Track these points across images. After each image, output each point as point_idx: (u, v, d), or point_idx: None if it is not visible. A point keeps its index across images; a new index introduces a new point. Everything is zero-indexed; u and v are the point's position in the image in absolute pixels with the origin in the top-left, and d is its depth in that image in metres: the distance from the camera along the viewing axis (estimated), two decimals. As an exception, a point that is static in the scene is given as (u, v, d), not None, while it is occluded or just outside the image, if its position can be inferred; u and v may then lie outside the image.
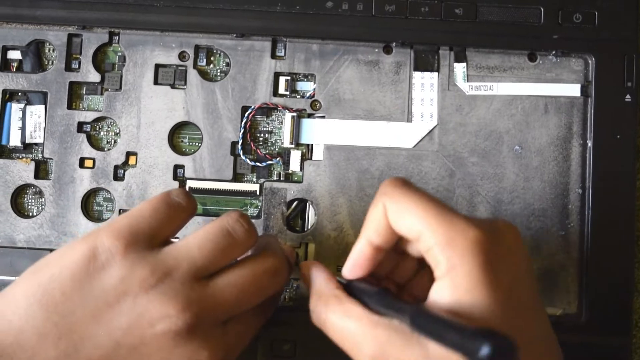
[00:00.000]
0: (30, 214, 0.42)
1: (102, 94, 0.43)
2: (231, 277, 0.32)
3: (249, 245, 0.33)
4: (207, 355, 0.30)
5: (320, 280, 0.33)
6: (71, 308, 0.29)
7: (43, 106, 0.42)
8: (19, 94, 0.43)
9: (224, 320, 0.32)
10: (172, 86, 0.42)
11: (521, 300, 0.29)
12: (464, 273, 0.28)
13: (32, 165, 0.42)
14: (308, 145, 0.42)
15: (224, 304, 0.31)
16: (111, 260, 0.30)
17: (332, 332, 0.31)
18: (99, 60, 0.43)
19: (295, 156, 0.42)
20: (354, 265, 0.32)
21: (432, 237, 0.29)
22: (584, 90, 0.42)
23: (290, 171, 0.42)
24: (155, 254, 0.31)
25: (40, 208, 0.42)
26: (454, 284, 0.28)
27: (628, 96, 0.42)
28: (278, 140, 0.43)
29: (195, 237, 0.32)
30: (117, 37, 0.43)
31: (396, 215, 0.30)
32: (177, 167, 0.42)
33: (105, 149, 0.42)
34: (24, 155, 0.42)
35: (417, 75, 0.42)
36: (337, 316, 0.31)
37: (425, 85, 0.42)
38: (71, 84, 0.42)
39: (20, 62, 0.43)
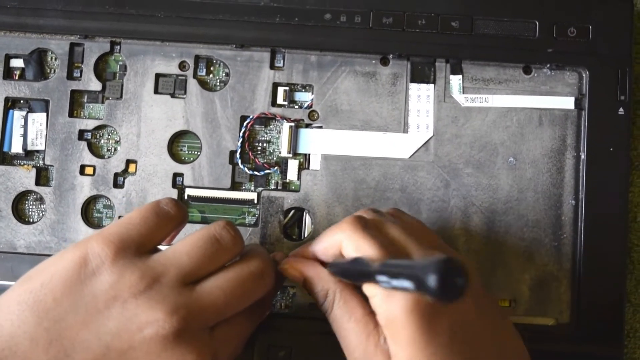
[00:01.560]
0: (31, 220, 0.43)
1: (103, 102, 0.43)
2: (217, 280, 0.32)
3: (235, 252, 0.34)
4: (194, 359, 0.31)
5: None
6: (62, 314, 0.30)
7: (45, 114, 0.43)
8: (21, 101, 0.43)
9: (212, 324, 0.32)
10: (172, 95, 0.43)
11: (467, 344, 0.31)
12: (401, 328, 0.30)
13: (34, 172, 0.43)
14: (305, 154, 0.43)
15: (211, 307, 0.32)
16: (101, 266, 0.31)
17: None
18: (101, 69, 0.44)
19: (293, 165, 0.43)
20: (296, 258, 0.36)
21: (374, 287, 0.31)
22: (578, 103, 0.43)
23: (287, 180, 0.43)
24: (145, 260, 0.32)
25: (41, 214, 0.43)
26: (392, 337, 0.31)
27: (621, 109, 0.42)
28: (276, 150, 0.43)
29: (184, 244, 0.33)
30: (119, 47, 0.43)
31: (349, 253, 0.33)
32: (176, 175, 0.43)
33: (106, 157, 0.43)
34: (25, 162, 0.43)
35: (414, 87, 0.43)
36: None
37: (421, 97, 0.43)
38: (73, 92, 0.43)
39: (22, 70, 0.43)
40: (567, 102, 0.43)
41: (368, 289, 0.32)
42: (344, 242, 0.33)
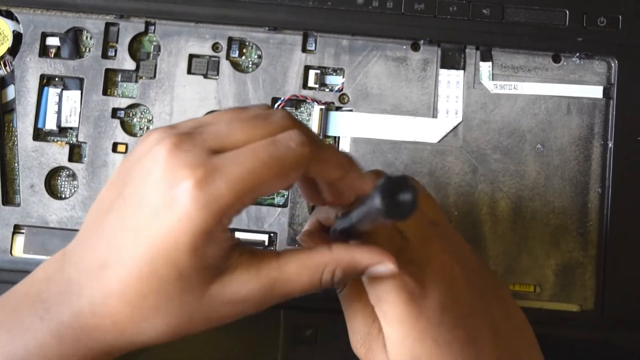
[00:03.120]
0: (63, 196, 0.43)
1: (136, 81, 0.44)
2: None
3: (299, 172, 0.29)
4: (189, 174, 0.26)
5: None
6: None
7: (79, 91, 0.44)
8: (56, 79, 0.44)
9: (214, 147, 0.28)
10: (205, 76, 0.44)
11: (460, 319, 0.31)
12: (390, 308, 0.30)
13: (67, 148, 0.43)
14: (335, 137, 0.43)
15: (214, 132, 0.28)
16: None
17: None
18: (135, 49, 0.44)
19: (322, 148, 0.43)
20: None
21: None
22: (606, 93, 0.43)
23: (316, 162, 0.43)
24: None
25: (73, 190, 0.44)
26: (383, 318, 0.31)
27: (649, 99, 0.43)
28: (306, 132, 0.44)
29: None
30: (153, 27, 0.44)
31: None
32: (207, 154, 0.43)
33: (138, 135, 0.44)
34: (59, 138, 0.44)
35: (444, 73, 0.44)
36: None
37: (451, 83, 0.43)
38: (107, 71, 0.44)
39: (58, 48, 0.44)
40: (596, 91, 0.43)
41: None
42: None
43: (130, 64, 0.44)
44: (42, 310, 0.30)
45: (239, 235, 0.42)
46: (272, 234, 0.43)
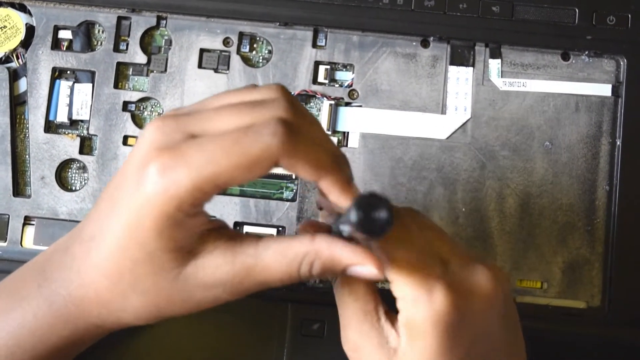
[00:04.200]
0: (74, 188, 0.44)
1: (147, 75, 0.44)
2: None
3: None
4: (157, 156, 0.27)
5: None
6: None
7: (90, 84, 0.44)
8: (68, 72, 0.44)
9: (195, 131, 0.28)
10: (216, 70, 0.44)
11: (483, 357, 0.30)
12: (422, 335, 0.29)
13: (78, 141, 0.44)
14: (344, 132, 0.44)
15: (201, 116, 0.28)
16: None
17: None
18: (146, 42, 0.45)
19: (332, 143, 0.43)
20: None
21: (401, 289, 0.29)
22: (615, 91, 0.44)
23: (325, 157, 0.44)
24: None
25: (83, 182, 0.44)
26: (410, 339, 0.29)
27: (658, 98, 0.43)
28: (315, 127, 0.44)
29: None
30: (165, 21, 0.44)
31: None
32: (216, 148, 0.43)
33: (148, 128, 0.44)
34: (70, 131, 0.44)
35: (453, 70, 0.44)
36: None
37: (460, 80, 0.44)
38: (118, 64, 0.44)
39: (70, 41, 0.44)
40: (604, 89, 0.44)
41: (397, 289, 0.29)
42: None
43: (141, 58, 0.44)
44: (42, 278, 0.31)
45: (247, 228, 0.43)
46: (280, 228, 0.43)
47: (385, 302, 0.31)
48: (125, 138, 0.44)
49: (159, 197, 0.26)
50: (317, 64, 0.44)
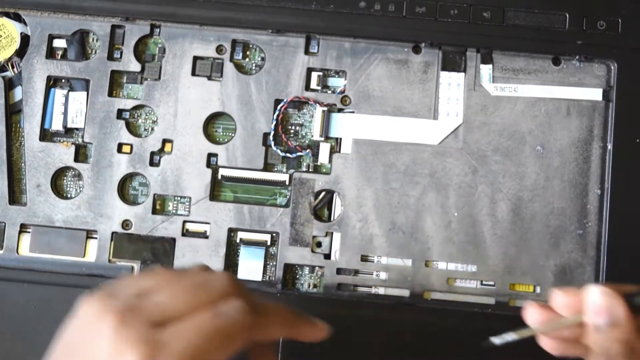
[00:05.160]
0: (69, 195, 0.44)
1: (141, 83, 0.45)
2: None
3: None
4: (135, 352, 0.27)
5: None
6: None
7: (85, 93, 0.44)
8: (63, 80, 0.45)
9: (157, 320, 0.28)
10: (209, 78, 0.44)
11: None
12: None
13: (73, 148, 0.44)
14: (337, 138, 0.44)
15: (156, 304, 0.29)
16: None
17: None
18: (140, 51, 0.45)
19: (325, 149, 0.44)
20: None
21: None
22: (606, 95, 0.44)
23: (319, 163, 0.44)
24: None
25: (79, 190, 0.44)
26: None
27: (648, 102, 0.43)
28: (308, 133, 0.44)
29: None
30: (158, 30, 0.45)
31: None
32: (210, 155, 0.44)
33: (143, 136, 0.44)
34: (65, 139, 0.44)
35: (445, 75, 0.44)
36: None
37: (451, 85, 0.44)
38: (112, 72, 0.44)
39: (65, 50, 0.45)
40: (595, 94, 0.44)
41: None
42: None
43: (135, 66, 0.44)
44: None
45: (241, 235, 0.43)
46: (274, 234, 0.43)
47: None
48: (120, 145, 0.44)
49: None
50: (309, 70, 0.44)
